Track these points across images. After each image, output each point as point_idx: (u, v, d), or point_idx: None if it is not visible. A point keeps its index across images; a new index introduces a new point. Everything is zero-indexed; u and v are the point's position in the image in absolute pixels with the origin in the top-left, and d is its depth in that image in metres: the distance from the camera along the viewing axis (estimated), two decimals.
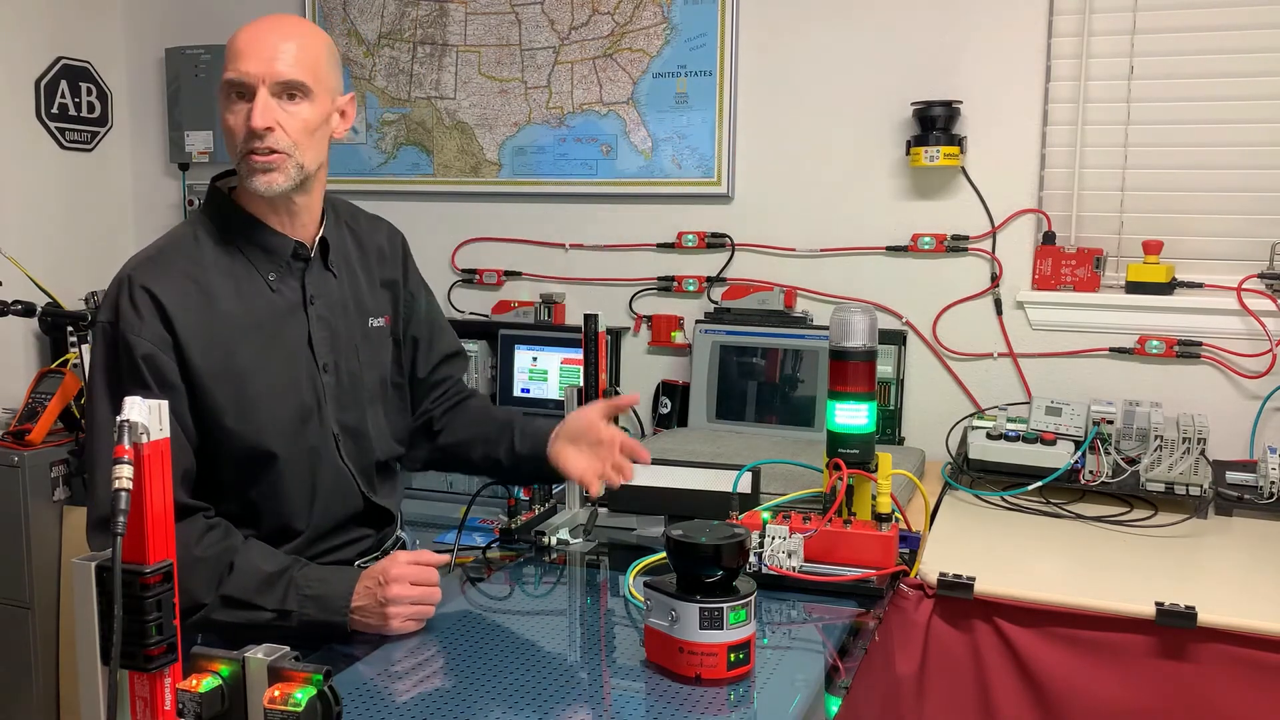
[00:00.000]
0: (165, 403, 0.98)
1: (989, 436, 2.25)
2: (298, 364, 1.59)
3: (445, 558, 1.59)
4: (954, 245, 2.59)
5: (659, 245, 2.86)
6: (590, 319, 1.98)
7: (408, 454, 1.82)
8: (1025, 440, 2.22)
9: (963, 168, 2.56)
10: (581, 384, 1.99)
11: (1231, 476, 2.23)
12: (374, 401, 1.71)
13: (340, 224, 1.71)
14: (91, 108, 3.26)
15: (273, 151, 1.50)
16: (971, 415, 2.49)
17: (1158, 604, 1.67)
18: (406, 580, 1.48)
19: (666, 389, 2.82)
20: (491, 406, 1.92)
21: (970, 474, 2.27)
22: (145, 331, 1.47)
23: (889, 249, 2.65)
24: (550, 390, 2.84)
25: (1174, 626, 1.66)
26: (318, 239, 1.64)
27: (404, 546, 1.75)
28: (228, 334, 1.52)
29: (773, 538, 1.67)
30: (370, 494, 1.68)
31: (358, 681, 1.37)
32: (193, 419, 1.51)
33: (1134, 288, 2.43)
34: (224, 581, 1.47)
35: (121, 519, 0.93)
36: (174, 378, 1.48)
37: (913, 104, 2.54)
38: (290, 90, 1.51)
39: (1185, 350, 2.42)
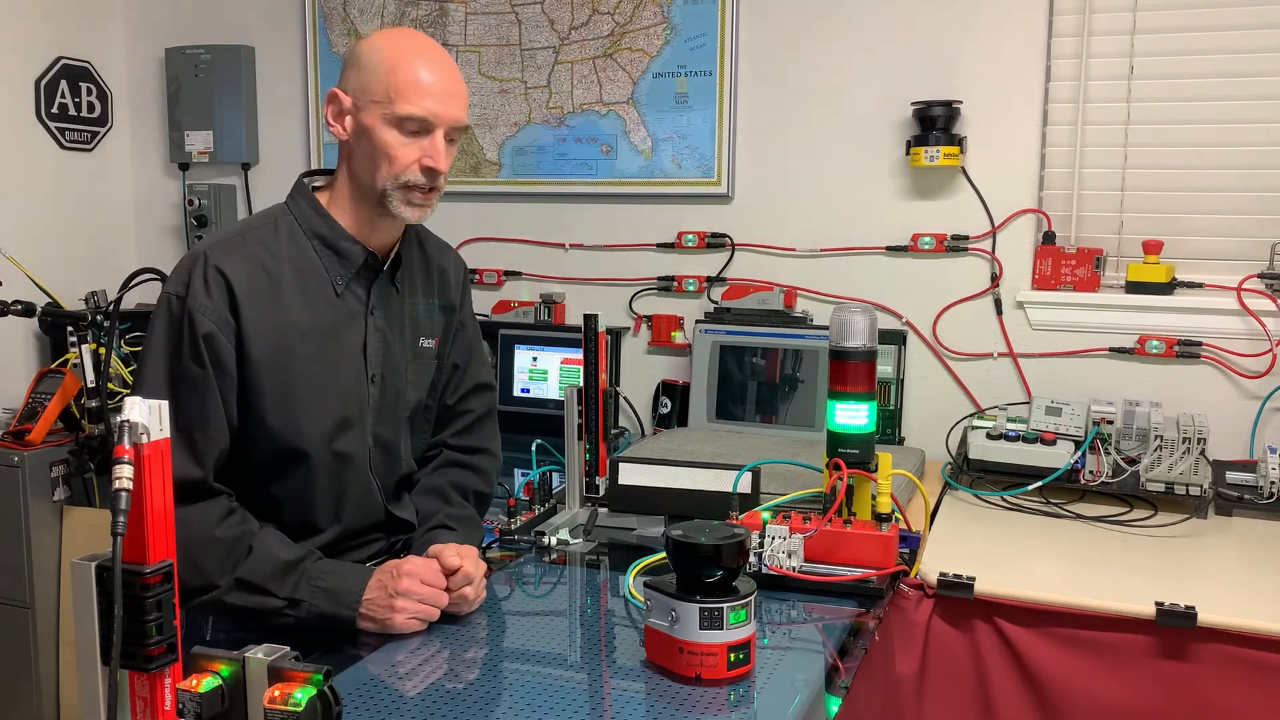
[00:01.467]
0: (165, 403, 0.98)
1: (989, 436, 2.25)
2: (347, 371, 1.60)
3: (457, 562, 1.56)
4: (954, 245, 2.59)
5: (659, 245, 2.87)
6: (590, 319, 1.99)
7: None
8: (1025, 440, 2.22)
9: (963, 168, 2.56)
10: (581, 384, 1.99)
11: (1231, 476, 2.23)
12: (410, 419, 1.73)
13: (412, 242, 1.73)
14: (91, 108, 3.26)
15: (433, 189, 1.57)
16: (971, 415, 2.49)
17: (1158, 604, 1.67)
18: (419, 577, 1.49)
19: (666, 389, 2.82)
20: (453, 489, 1.79)
21: (970, 474, 2.27)
22: (211, 312, 1.48)
23: (889, 249, 2.65)
24: (550, 390, 2.84)
25: (1174, 626, 1.66)
26: (392, 254, 1.66)
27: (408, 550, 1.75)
28: (287, 329, 1.54)
29: (773, 538, 1.67)
30: (392, 506, 1.70)
31: (358, 681, 1.37)
32: (237, 407, 1.52)
33: (1134, 288, 2.44)
34: (240, 564, 1.48)
35: (121, 519, 0.93)
36: (229, 361, 1.50)
37: (913, 104, 2.54)
38: (455, 135, 1.58)
39: (1185, 350, 2.42)
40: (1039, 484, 2.16)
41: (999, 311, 2.58)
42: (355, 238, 1.60)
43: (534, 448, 2.12)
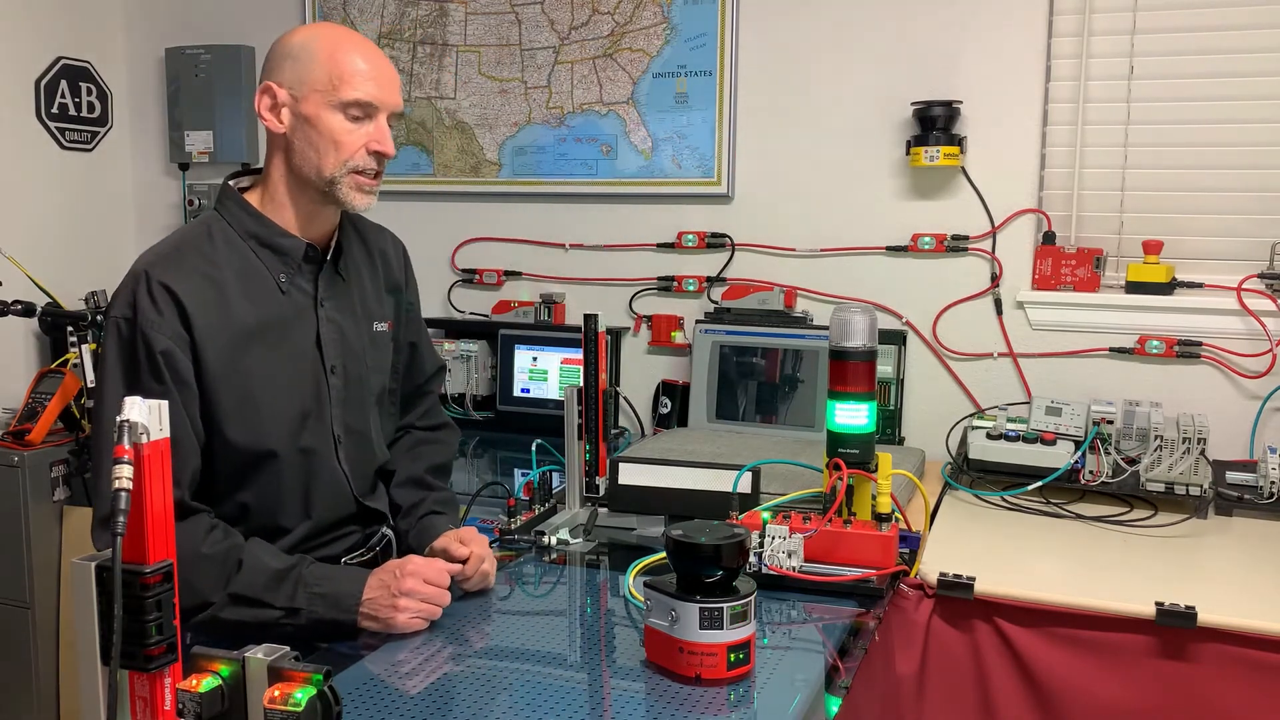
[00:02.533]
0: (165, 403, 0.98)
1: (989, 436, 2.25)
2: (303, 365, 1.60)
3: (457, 567, 1.58)
4: (954, 245, 2.59)
5: (659, 245, 2.86)
6: (590, 319, 1.99)
7: None
8: (1025, 440, 2.22)
9: (963, 168, 2.56)
10: (581, 384, 1.99)
11: (1231, 476, 2.23)
12: (376, 405, 1.73)
13: (349, 229, 1.72)
14: (91, 108, 3.26)
15: (379, 175, 1.58)
16: (971, 415, 2.49)
17: (1158, 604, 1.67)
18: (422, 576, 1.49)
19: (666, 389, 2.82)
20: (431, 474, 1.84)
21: (970, 474, 2.27)
22: (165, 328, 1.47)
23: (889, 249, 2.65)
24: (550, 390, 2.84)
25: (1174, 626, 1.66)
26: (333, 244, 1.65)
27: (391, 544, 1.75)
28: (238, 335, 1.53)
29: (773, 538, 1.67)
30: (362, 497, 1.69)
31: (358, 681, 1.37)
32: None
33: (1134, 288, 2.44)
34: (232, 580, 1.48)
35: (121, 519, 0.93)
36: (189, 376, 1.49)
37: (913, 104, 2.54)
38: (393, 121, 1.60)
39: (1185, 350, 2.42)
40: (1039, 484, 2.16)
41: (999, 311, 2.58)
42: (292, 233, 1.59)
43: (534, 448, 2.12)
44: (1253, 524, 2.10)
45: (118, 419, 0.95)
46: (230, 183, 1.64)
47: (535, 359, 2.87)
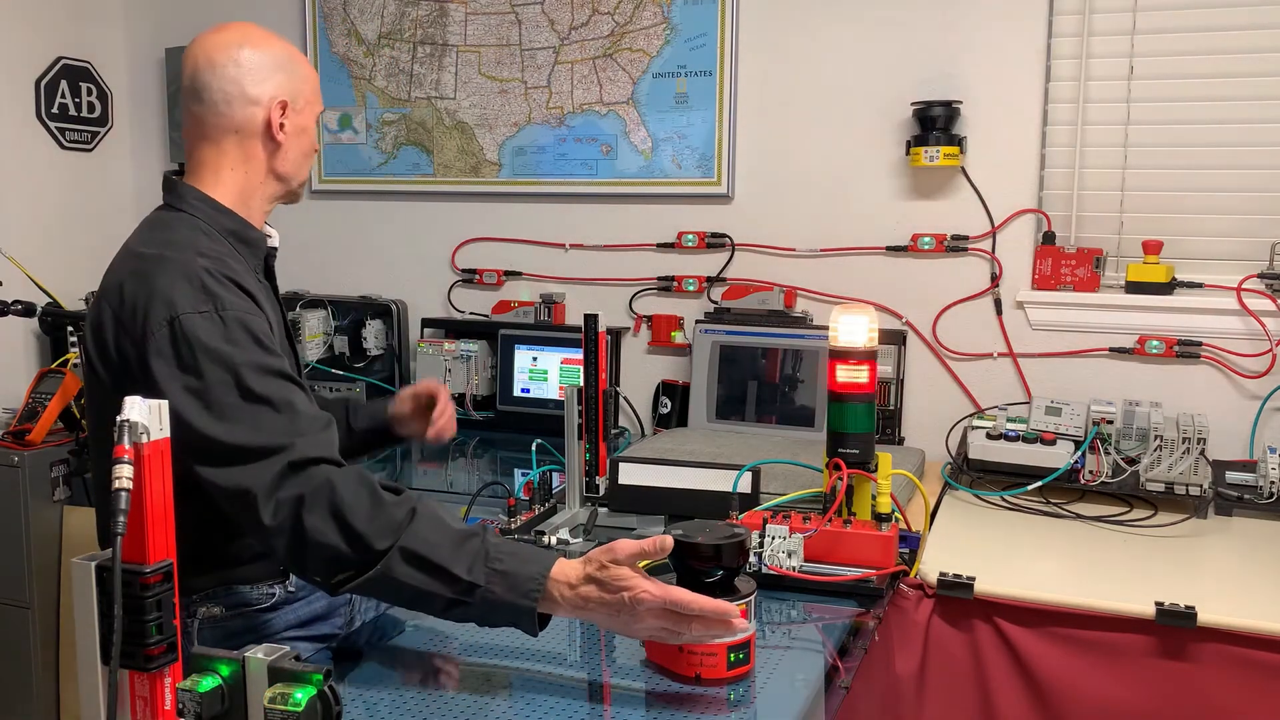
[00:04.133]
0: (165, 403, 0.98)
1: (989, 436, 2.25)
2: (287, 350, 1.62)
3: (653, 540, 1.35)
4: (954, 245, 2.59)
5: (659, 245, 2.86)
6: (590, 319, 1.98)
7: None
8: (1025, 440, 2.22)
9: (963, 168, 2.56)
10: (581, 384, 1.99)
11: (1231, 476, 2.23)
12: None
13: None
14: (91, 108, 3.26)
15: None
16: (971, 415, 2.49)
17: (1157, 604, 1.67)
18: (660, 607, 1.29)
19: (666, 389, 2.82)
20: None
21: (970, 474, 2.27)
22: (251, 309, 1.45)
23: (889, 249, 2.65)
24: (550, 390, 2.84)
25: (1174, 626, 1.66)
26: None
27: None
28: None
29: (773, 538, 1.67)
30: None
31: (358, 681, 1.37)
32: None
33: (1134, 288, 2.44)
34: (405, 532, 1.32)
35: (121, 519, 0.93)
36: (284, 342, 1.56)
37: (913, 104, 2.54)
38: None
39: (1185, 350, 2.42)
40: (1039, 484, 2.16)
41: (999, 311, 2.58)
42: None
43: (534, 448, 2.12)
44: (1252, 524, 2.10)
45: (118, 419, 0.94)
46: (187, 184, 1.60)
47: (535, 359, 2.87)
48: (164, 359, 1.38)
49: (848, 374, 1.79)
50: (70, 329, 2.80)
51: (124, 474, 0.94)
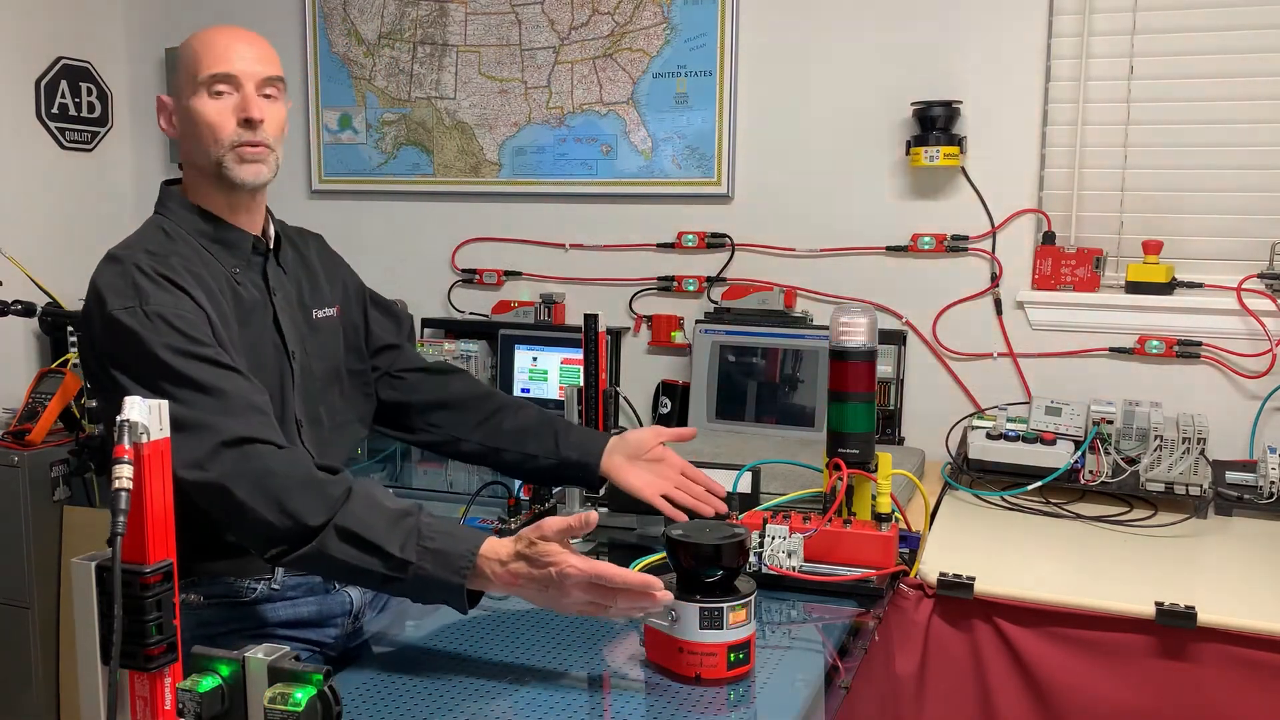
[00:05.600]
0: (165, 403, 0.98)
1: (989, 436, 2.25)
2: (266, 354, 1.60)
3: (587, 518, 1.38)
4: (954, 245, 2.59)
5: (659, 245, 2.87)
6: (590, 319, 1.98)
7: (392, 431, 1.87)
8: (1025, 440, 2.22)
9: (963, 168, 2.56)
10: (581, 384, 1.99)
11: (1231, 476, 2.23)
12: (326, 391, 1.72)
13: (272, 223, 1.74)
14: (91, 108, 3.26)
15: (262, 145, 1.57)
16: (971, 415, 2.48)
17: (1157, 604, 1.67)
18: (585, 581, 1.33)
19: (666, 389, 2.82)
20: (498, 394, 1.91)
21: (970, 474, 2.27)
22: (181, 306, 1.46)
23: (889, 249, 2.65)
24: (550, 390, 2.84)
25: (1174, 626, 1.66)
26: (270, 235, 1.68)
27: None
28: (220, 323, 1.53)
29: (773, 538, 1.67)
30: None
31: (358, 681, 1.37)
32: None
33: (1134, 288, 2.44)
34: (340, 510, 1.36)
35: (121, 519, 0.93)
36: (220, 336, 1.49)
37: (913, 104, 2.54)
38: (271, 87, 1.59)
39: (1185, 350, 2.42)
40: (1039, 484, 2.16)
41: (999, 311, 2.58)
42: (235, 226, 1.61)
43: None
44: (1252, 524, 2.10)
45: (118, 419, 0.95)
46: (171, 187, 1.66)
47: (535, 359, 2.87)
48: (103, 353, 1.46)
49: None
50: (70, 329, 2.80)
51: (124, 474, 0.94)
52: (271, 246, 1.66)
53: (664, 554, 1.46)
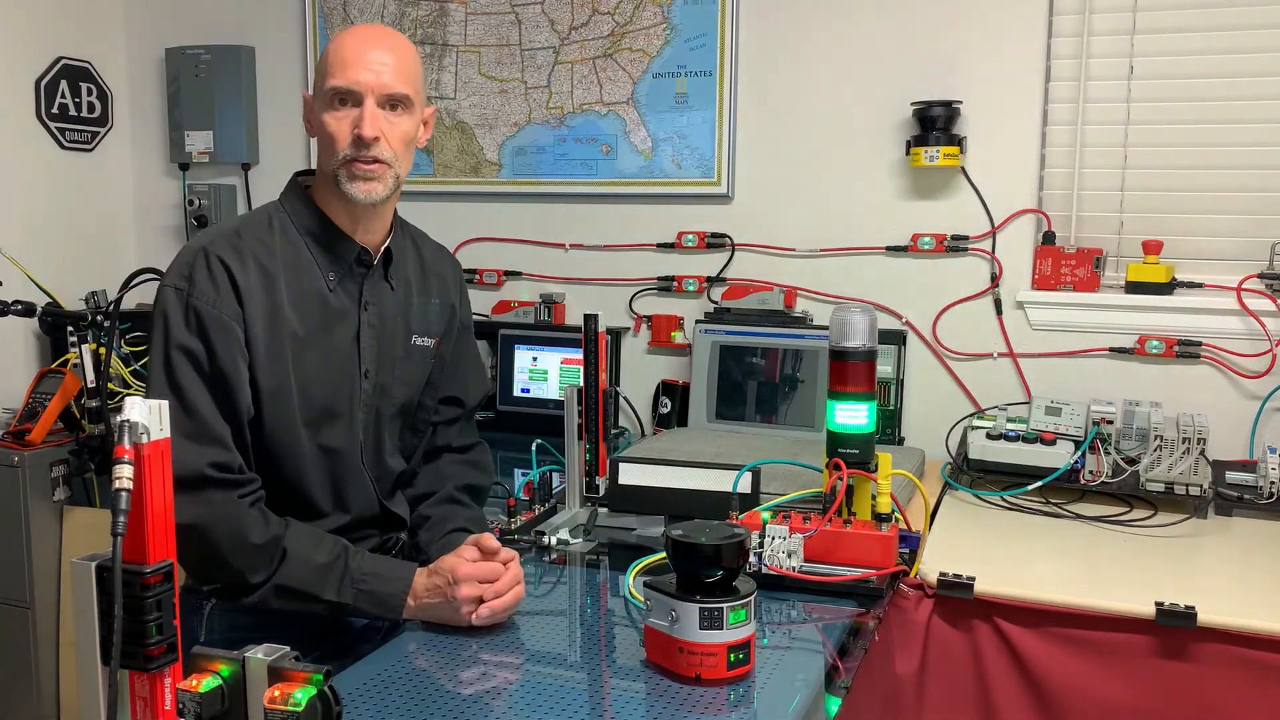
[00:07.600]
0: (165, 403, 0.98)
1: (989, 436, 2.25)
2: (337, 366, 1.61)
3: (511, 553, 1.57)
4: (954, 245, 2.59)
5: (659, 245, 2.86)
6: (590, 319, 1.98)
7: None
8: (1025, 440, 2.22)
9: (963, 168, 2.56)
10: (581, 384, 1.99)
11: (1231, 476, 2.23)
12: (396, 417, 1.73)
13: (407, 239, 1.74)
14: (91, 108, 3.26)
15: (377, 161, 1.55)
16: (971, 415, 2.49)
17: (1157, 604, 1.67)
18: (475, 579, 1.50)
19: (666, 389, 2.82)
20: (463, 492, 1.82)
21: (970, 474, 2.27)
22: (220, 304, 1.50)
23: (889, 249, 2.65)
24: (550, 390, 2.84)
25: (1174, 626, 1.66)
26: (383, 249, 1.66)
27: (404, 551, 1.76)
28: (283, 325, 1.54)
29: (773, 538, 1.67)
30: (386, 501, 1.71)
31: (358, 681, 1.37)
32: None
33: (1134, 288, 2.44)
34: (278, 571, 1.50)
35: (121, 519, 0.93)
36: (242, 348, 1.51)
37: (913, 104, 2.54)
38: (394, 102, 1.57)
39: (1185, 350, 2.42)
40: (1039, 484, 2.16)
41: (999, 311, 2.58)
42: (347, 234, 1.61)
43: (534, 448, 2.12)
44: (1252, 524, 2.10)
45: (117, 419, 0.95)
46: (299, 178, 1.66)
47: (535, 359, 2.87)
48: (153, 311, 1.55)
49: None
50: (70, 329, 2.80)
51: (124, 474, 0.94)
52: (378, 262, 1.65)
53: (664, 554, 1.46)
